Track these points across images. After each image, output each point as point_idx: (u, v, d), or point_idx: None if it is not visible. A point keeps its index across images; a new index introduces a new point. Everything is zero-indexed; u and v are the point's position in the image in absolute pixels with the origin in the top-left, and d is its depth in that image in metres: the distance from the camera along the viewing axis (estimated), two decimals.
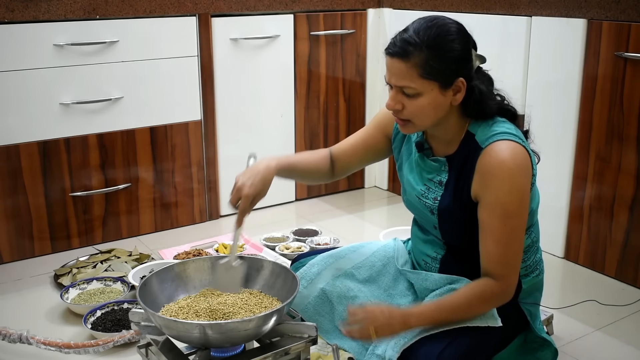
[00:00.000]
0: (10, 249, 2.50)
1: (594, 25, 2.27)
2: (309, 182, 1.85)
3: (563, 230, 2.49)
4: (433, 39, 1.43)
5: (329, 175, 1.77)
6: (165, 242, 2.68)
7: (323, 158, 1.75)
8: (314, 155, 1.76)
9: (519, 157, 1.45)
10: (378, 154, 1.76)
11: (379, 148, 1.74)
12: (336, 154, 1.76)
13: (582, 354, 1.90)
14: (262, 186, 1.57)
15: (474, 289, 1.48)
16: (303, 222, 2.91)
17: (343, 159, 1.75)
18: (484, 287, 1.47)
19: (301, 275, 1.74)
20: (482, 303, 1.47)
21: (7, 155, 2.42)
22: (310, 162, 1.74)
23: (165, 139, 2.74)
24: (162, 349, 1.47)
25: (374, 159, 1.79)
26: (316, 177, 1.78)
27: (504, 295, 1.48)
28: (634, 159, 2.22)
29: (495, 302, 1.49)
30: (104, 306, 2.05)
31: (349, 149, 1.76)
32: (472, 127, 1.52)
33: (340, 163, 1.76)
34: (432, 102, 1.46)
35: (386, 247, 1.81)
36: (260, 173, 1.58)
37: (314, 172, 1.74)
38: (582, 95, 2.34)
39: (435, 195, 1.57)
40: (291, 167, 1.68)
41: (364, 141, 1.75)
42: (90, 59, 2.52)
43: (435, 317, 1.47)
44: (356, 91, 3.22)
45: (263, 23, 2.88)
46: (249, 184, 1.56)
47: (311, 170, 1.74)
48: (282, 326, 1.50)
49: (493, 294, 1.47)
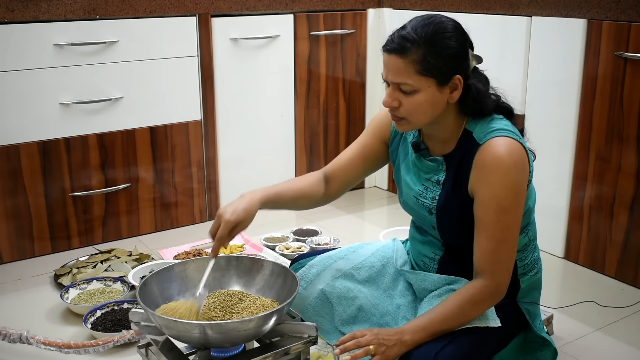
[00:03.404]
0: (10, 249, 2.50)
1: (594, 25, 2.27)
2: (301, 209, 1.80)
3: (563, 230, 2.49)
4: (431, 35, 1.43)
5: (323, 198, 1.71)
6: (165, 242, 2.68)
7: (315, 181, 1.70)
8: (305, 180, 1.70)
9: (516, 153, 1.45)
10: (376, 162, 1.73)
11: (377, 156, 1.72)
12: (331, 173, 1.72)
13: (582, 354, 1.90)
14: (244, 215, 1.52)
15: (463, 294, 1.47)
16: (303, 222, 2.91)
17: (340, 176, 1.71)
18: (474, 290, 1.47)
19: (300, 276, 1.74)
20: (474, 306, 1.47)
21: (7, 155, 2.42)
22: (299, 188, 1.68)
23: (165, 139, 2.74)
24: (162, 349, 1.47)
25: (373, 169, 1.75)
26: (308, 203, 1.71)
27: (495, 295, 1.48)
28: (634, 159, 2.22)
29: (487, 304, 1.48)
30: (104, 306, 2.05)
31: (346, 163, 1.71)
32: (470, 125, 1.52)
33: (337, 181, 1.71)
34: (429, 99, 1.46)
35: (385, 247, 1.81)
36: (244, 203, 1.54)
37: (304, 198, 1.68)
38: (582, 95, 2.34)
39: (433, 195, 1.57)
40: (278, 196, 1.62)
41: (361, 152, 1.71)
42: (90, 59, 2.52)
43: (430, 330, 1.45)
44: (356, 91, 3.23)
45: (263, 23, 2.88)
46: (230, 211, 1.51)
47: (301, 195, 1.67)
48: (282, 326, 1.50)
49: (484, 295, 1.47)
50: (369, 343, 1.43)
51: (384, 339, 1.44)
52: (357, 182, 1.78)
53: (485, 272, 1.47)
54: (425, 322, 1.46)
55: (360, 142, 1.73)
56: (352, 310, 1.70)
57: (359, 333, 1.46)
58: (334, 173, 1.72)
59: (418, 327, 1.46)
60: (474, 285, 1.47)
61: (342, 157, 1.73)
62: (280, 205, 1.66)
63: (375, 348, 1.42)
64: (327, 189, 1.72)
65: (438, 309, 1.48)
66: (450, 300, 1.48)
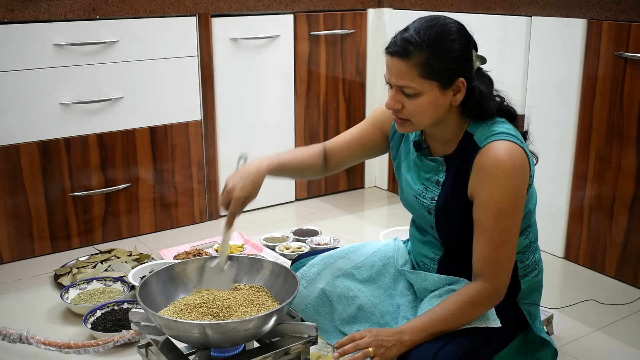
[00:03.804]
0: (10, 249, 2.50)
1: (594, 25, 2.27)
2: (301, 179, 1.86)
3: (563, 230, 2.49)
4: (434, 38, 1.43)
5: (322, 170, 1.76)
6: (165, 242, 2.68)
7: (316, 154, 1.74)
8: (307, 151, 1.75)
9: (515, 157, 1.45)
10: (373, 150, 1.76)
11: (374, 145, 1.74)
12: (330, 150, 1.75)
13: (582, 354, 1.90)
14: (252, 188, 1.56)
15: (462, 296, 1.47)
16: (303, 222, 2.91)
17: (337, 155, 1.75)
18: (473, 291, 1.47)
19: (301, 275, 1.74)
20: (473, 308, 1.47)
21: (7, 155, 2.42)
22: (302, 159, 1.73)
23: (165, 139, 2.74)
24: (162, 349, 1.47)
25: (369, 155, 1.79)
26: (308, 173, 1.79)
27: (494, 297, 1.48)
28: (634, 159, 2.22)
29: (486, 306, 1.48)
30: (104, 306, 2.05)
31: (344, 144, 1.75)
32: (471, 127, 1.52)
33: (335, 158, 1.75)
34: (432, 101, 1.46)
35: (386, 247, 1.81)
36: (251, 175, 1.57)
37: (306, 169, 1.74)
38: (582, 95, 2.34)
39: (432, 195, 1.57)
40: (282, 166, 1.66)
41: (359, 137, 1.74)
42: (90, 59, 2.52)
43: (429, 331, 1.46)
44: (356, 91, 3.23)
45: (263, 23, 2.88)
46: (239, 187, 1.54)
47: (303, 167, 1.73)
48: (282, 326, 1.50)
49: (483, 297, 1.47)
50: (368, 345, 1.43)
51: (383, 340, 1.44)
52: (354, 164, 1.84)
53: (485, 274, 1.47)
54: (425, 322, 1.46)
55: (361, 128, 1.75)
56: (352, 310, 1.70)
57: (357, 335, 1.46)
58: (332, 151, 1.75)
59: (417, 328, 1.46)
60: (473, 287, 1.47)
61: (342, 137, 1.76)
62: (283, 174, 1.70)
63: (374, 350, 1.42)
64: (326, 164, 1.75)
65: (437, 310, 1.48)
66: (449, 302, 1.48)
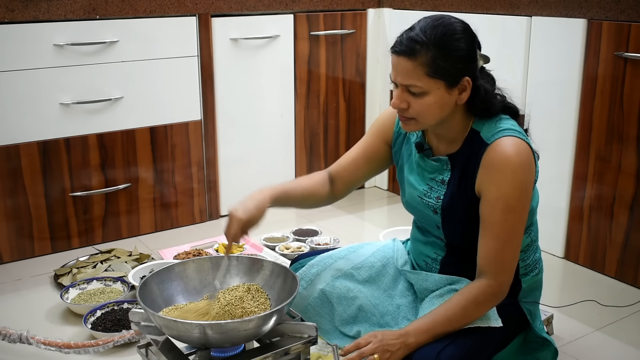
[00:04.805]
0: (10, 249, 2.50)
1: (594, 25, 2.27)
2: (308, 208, 1.83)
3: (563, 230, 2.49)
4: (440, 37, 1.43)
5: (329, 197, 1.74)
6: (165, 242, 2.68)
7: (320, 180, 1.72)
8: (310, 178, 1.73)
9: (524, 153, 1.46)
10: (380, 164, 1.74)
11: (380, 157, 1.72)
12: (335, 173, 1.73)
13: (582, 354, 1.90)
14: (256, 212, 1.54)
15: (466, 295, 1.47)
16: (303, 222, 2.91)
17: (344, 176, 1.73)
18: (477, 290, 1.47)
19: (301, 276, 1.74)
20: (477, 307, 1.47)
21: (7, 155, 2.42)
22: (306, 186, 1.71)
23: (165, 139, 2.74)
24: (162, 349, 1.47)
25: (376, 171, 1.76)
26: (315, 202, 1.74)
27: (497, 295, 1.48)
28: (634, 159, 2.22)
29: (490, 304, 1.49)
30: (104, 306, 2.05)
31: (349, 164, 1.73)
32: (477, 124, 1.53)
33: (342, 181, 1.73)
34: (438, 100, 1.46)
35: (385, 247, 1.81)
36: (255, 200, 1.56)
37: (311, 196, 1.71)
38: (582, 95, 2.34)
39: (438, 195, 1.57)
40: (286, 194, 1.65)
41: (364, 152, 1.72)
42: (90, 59, 2.52)
43: (433, 332, 1.46)
44: (356, 91, 3.22)
45: (263, 23, 2.88)
46: (242, 210, 1.53)
47: (308, 194, 1.70)
48: (282, 326, 1.50)
49: (486, 295, 1.47)
50: (373, 352, 1.43)
51: (388, 344, 1.44)
52: (362, 183, 1.80)
53: (489, 272, 1.47)
54: (429, 323, 1.47)
55: (363, 143, 1.73)
56: (352, 310, 1.70)
57: (362, 342, 1.46)
58: (338, 174, 1.73)
59: (422, 329, 1.46)
60: (476, 286, 1.48)
61: (346, 158, 1.74)
62: (288, 203, 1.69)
63: (379, 356, 1.42)
64: (332, 189, 1.73)
65: (441, 310, 1.48)
66: (452, 301, 1.48)
